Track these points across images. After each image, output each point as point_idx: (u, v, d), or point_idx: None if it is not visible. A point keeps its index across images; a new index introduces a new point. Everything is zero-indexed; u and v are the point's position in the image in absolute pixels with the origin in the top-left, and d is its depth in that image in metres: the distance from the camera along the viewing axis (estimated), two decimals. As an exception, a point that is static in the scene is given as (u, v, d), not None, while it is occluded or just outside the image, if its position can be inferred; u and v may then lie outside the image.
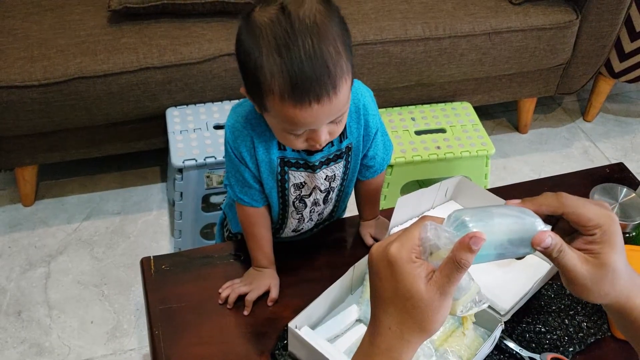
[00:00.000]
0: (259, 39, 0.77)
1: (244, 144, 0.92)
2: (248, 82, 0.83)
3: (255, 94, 0.83)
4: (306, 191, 1.00)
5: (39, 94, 1.63)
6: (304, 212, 1.04)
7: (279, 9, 0.77)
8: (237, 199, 0.99)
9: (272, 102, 0.80)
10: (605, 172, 1.28)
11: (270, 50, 0.76)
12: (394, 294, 0.59)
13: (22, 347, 1.57)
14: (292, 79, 0.76)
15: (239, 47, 0.81)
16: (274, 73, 0.77)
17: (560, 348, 0.94)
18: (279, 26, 0.76)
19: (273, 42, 0.76)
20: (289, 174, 0.97)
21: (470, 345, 0.90)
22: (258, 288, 0.99)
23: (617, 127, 2.34)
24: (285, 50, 0.75)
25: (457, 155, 1.71)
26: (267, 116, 0.86)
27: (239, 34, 0.82)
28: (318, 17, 0.76)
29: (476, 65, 1.93)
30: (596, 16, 1.96)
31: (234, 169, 0.96)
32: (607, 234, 0.63)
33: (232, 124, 0.93)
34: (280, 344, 0.93)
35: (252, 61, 0.78)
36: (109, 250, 1.80)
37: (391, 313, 0.59)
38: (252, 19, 0.79)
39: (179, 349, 0.93)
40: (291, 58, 0.75)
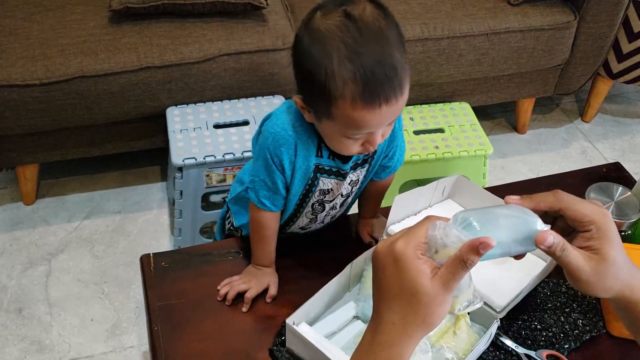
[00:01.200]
0: (328, 47, 0.77)
1: (286, 151, 0.92)
2: (311, 90, 0.82)
3: (318, 101, 0.82)
4: (330, 197, 1.02)
5: (40, 93, 1.64)
6: (320, 215, 1.06)
7: (343, 16, 0.78)
8: (258, 203, 0.97)
9: (341, 107, 0.80)
10: (602, 171, 1.29)
11: (341, 57, 0.77)
12: (399, 289, 0.60)
13: (23, 345, 1.58)
14: (364, 83, 0.77)
15: (302, 56, 0.80)
16: (347, 79, 0.78)
17: (556, 345, 0.95)
18: (347, 32, 0.77)
19: (343, 48, 0.77)
20: (319, 180, 0.98)
21: (466, 342, 0.91)
22: (257, 285, 1.00)
23: (615, 127, 2.35)
24: (356, 56, 0.77)
25: (455, 155, 1.72)
26: (326, 124, 0.85)
27: (299, 43, 0.81)
28: (382, 23, 0.79)
29: (474, 65, 1.94)
30: (594, 17, 1.97)
31: (266, 174, 0.95)
32: (603, 229, 0.66)
33: (277, 132, 0.91)
34: (278, 340, 0.94)
35: (322, 69, 0.78)
36: (109, 248, 1.81)
37: (395, 308, 0.61)
38: (316, 26, 0.79)
39: (178, 345, 0.94)
40: (363, 63, 0.77)
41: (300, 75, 0.83)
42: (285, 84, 1.81)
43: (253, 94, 1.80)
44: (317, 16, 0.80)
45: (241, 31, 1.74)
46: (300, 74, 0.84)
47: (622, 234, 1.06)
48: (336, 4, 0.80)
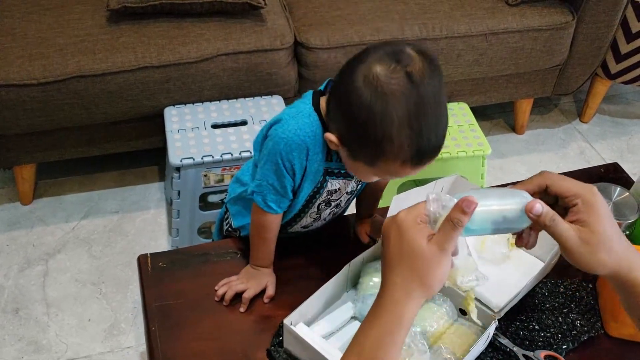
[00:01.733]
0: (391, 110, 0.78)
1: (298, 156, 0.92)
2: (361, 141, 0.82)
3: (365, 151, 0.83)
4: (337, 196, 1.02)
5: (37, 93, 1.63)
6: (323, 213, 1.06)
7: (405, 77, 0.77)
8: (265, 207, 0.97)
9: (389, 164, 0.82)
10: (600, 171, 1.29)
11: (402, 123, 0.78)
12: (400, 252, 0.66)
13: (20, 345, 1.58)
14: (418, 150, 0.80)
15: (360, 110, 0.79)
16: (403, 145, 0.79)
17: (554, 345, 0.95)
18: (409, 98, 0.77)
19: (405, 114, 0.78)
20: (328, 182, 0.98)
21: (464, 342, 0.91)
22: (255, 286, 1.00)
23: (613, 128, 2.35)
24: (416, 123, 0.78)
25: (453, 155, 1.72)
26: (363, 166, 0.86)
27: (358, 95, 0.79)
28: (437, 85, 0.79)
29: (473, 65, 1.94)
30: (592, 17, 1.97)
31: (276, 178, 0.94)
32: (589, 203, 0.67)
33: (289, 137, 0.90)
34: (275, 340, 0.93)
35: (381, 130, 0.79)
36: (107, 248, 1.81)
37: (397, 271, 0.66)
38: (378, 84, 0.78)
39: (175, 346, 0.94)
40: (421, 132, 0.79)
41: (352, 124, 0.82)
42: (283, 84, 1.81)
43: (251, 94, 1.79)
44: (378, 71, 0.78)
45: (239, 31, 1.74)
46: (351, 123, 0.82)
47: (620, 235, 1.06)
48: (392, 58, 0.79)
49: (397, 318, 0.65)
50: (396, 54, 0.79)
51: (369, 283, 0.97)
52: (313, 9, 1.87)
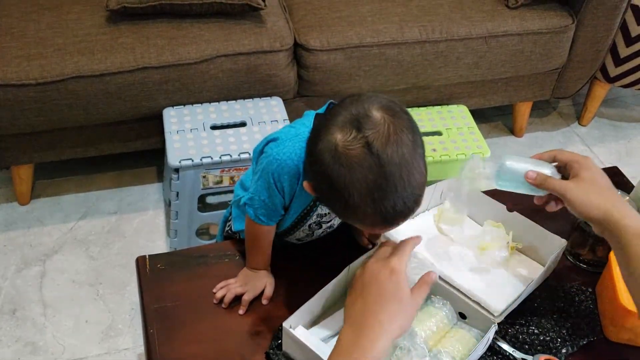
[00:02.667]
0: (351, 181, 0.75)
1: (288, 180, 0.91)
2: (329, 198, 0.81)
3: (335, 207, 0.82)
4: (327, 218, 1.02)
5: (35, 93, 1.63)
6: (316, 232, 1.06)
7: (364, 148, 0.73)
8: (255, 219, 0.97)
9: (357, 224, 0.83)
10: (599, 175, 1.28)
11: (363, 195, 0.75)
12: (393, 295, 0.76)
13: (17, 346, 1.57)
14: (384, 218, 0.77)
15: (323, 171, 0.77)
16: (368, 213, 0.77)
17: (553, 350, 0.95)
18: (370, 170, 0.74)
19: (365, 187, 0.74)
20: (318, 207, 0.98)
21: (463, 346, 0.91)
22: (254, 288, 1.00)
23: (612, 131, 2.36)
24: (377, 194, 0.75)
25: (452, 158, 1.72)
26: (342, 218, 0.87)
27: (320, 155, 0.76)
28: (405, 149, 0.75)
29: (472, 68, 1.94)
30: (592, 21, 1.97)
31: (267, 195, 0.94)
32: (582, 163, 0.85)
33: (282, 159, 0.89)
34: (274, 343, 0.93)
35: (344, 197, 0.76)
36: (105, 249, 1.80)
37: (385, 309, 0.75)
38: (337, 150, 0.75)
39: (173, 348, 0.94)
40: (383, 202, 0.75)
41: (319, 185, 0.81)
42: (282, 86, 1.81)
43: (250, 95, 1.79)
44: (337, 141, 0.75)
45: (239, 32, 1.74)
46: (318, 184, 0.81)
47: (620, 239, 1.06)
48: (353, 125, 0.75)
49: (381, 350, 0.73)
50: (358, 119, 0.75)
51: None
52: (313, 10, 1.87)
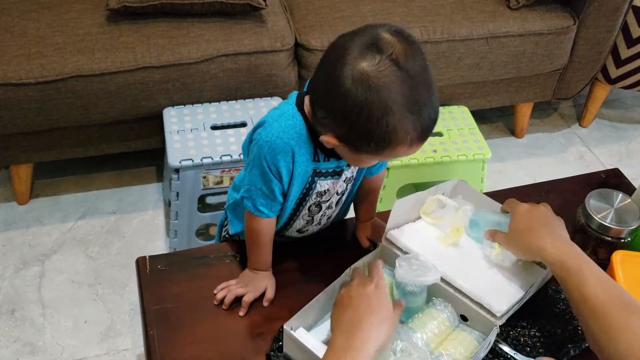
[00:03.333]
0: (389, 102, 0.78)
1: (283, 159, 0.90)
2: (365, 136, 0.81)
3: (370, 144, 0.82)
4: (327, 197, 1.01)
5: (35, 92, 1.62)
6: (316, 216, 1.05)
7: (393, 65, 0.78)
8: (255, 211, 0.96)
9: (395, 149, 0.83)
10: (601, 177, 1.28)
11: (402, 110, 0.79)
12: (379, 305, 0.84)
13: (15, 346, 1.56)
14: (422, 130, 0.82)
15: (358, 109, 0.79)
16: (409, 129, 0.80)
17: (555, 352, 0.95)
18: (403, 85, 0.78)
19: (404, 102, 0.78)
20: (316, 183, 0.97)
21: (465, 349, 0.90)
22: (255, 290, 0.99)
23: (613, 133, 2.35)
24: (415, 107, 0.79)
25: (453, 159, 1.71)
26: (365, 156, 0.86)
27: (353, 96, 0.78)
28: (422, 61, 0.81)
29: (473, 69, 1.93)
30: (593, 22, 1.97)
31: (263, 183, 0.93)
32: (510, 214, 0.98)
33: (272, 140, 0.89)
34: (275, 345, 0.93)
35: (384, 122, 0.79)
36: (104, 249, 1.80)
37: (375, 316, 0.82)
38: (369, 79, 0.77)
39: (173, 349, 0.93)
40: (421, 112, 0.80)
41: (352, 125, 0.81)
42: (283, 86, 1.80)
43: (251, 95, 1.79)
44: (364, 68, 0.78)
45: (239, 32, 1.73)
46: (351, 124, 0.81)
47: (622, 241, 1.05)
48: (373, 49, 0.78)
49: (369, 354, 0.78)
50: (375, 43, 0.79)
51: None
52: (314, 10, 1.87)
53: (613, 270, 0.99)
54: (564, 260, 0.86)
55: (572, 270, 0.84)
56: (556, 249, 0.88)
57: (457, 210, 1.04)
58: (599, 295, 0.81)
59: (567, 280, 0.84)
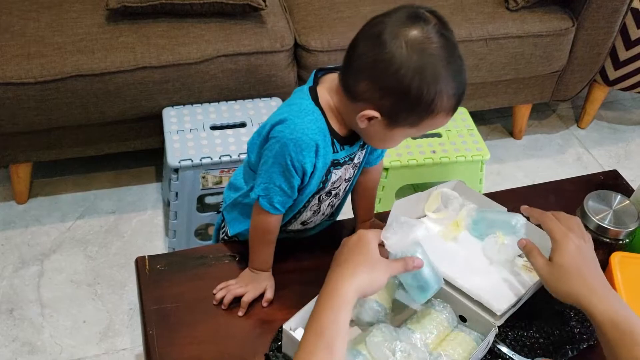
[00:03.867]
0: (439, 68, 0.82)
1: (308, 155, 0.91)
2: (411, 104, 0.84)
3: (413, 113, 0.85)
4: (337, 184, 1.02)
5: (35, 92, 1.62)
6: (323, 205, 1.05)
7: (438, 35, 0.82)
8: (271, 209, 0.96)
9: (435, 118, 0.86)
10: (599, 179, 1.29)
11: (448, 76, 0.83)
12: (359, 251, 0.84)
13: (14, 346, 1.56)
14: (459, 97, 0.86)
15: (410, 74, 0.81)
16: (450, 95, 0.84)
17: (553, 353, 0.95)
18: (447, 53, 0.83)
19: (449, 69, 0.83)
20: (332, 173, 0.98)
21: (464, 349, 0.91)
22: (254, 290, 0.99)
23: (611, 134, 2.36)
24: (457, 75, 0.85)
25: (452, 160, 1.72)
26: (402, 130, 0.88)
27: (406, 61, 0.81)
28: (454, 38, 0.85)
29: (472, 70, 1.94)
30: (592, 24, 1.98)
31: (283, 180, 0.93)
32: (559, 243, 0.89)
33: (297, 137, 0.89)
34: (274, 345, 0.93)
35: (434, 89, 0.82)
36: (103, 249, 1.80)
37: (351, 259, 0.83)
38: (421, 43, 0.81)
39: (173, 349, 0.93)
40: (461, 80, 0.86)
41: (401, 93, 0.83)
42: (282, 86, 1.81)
43: (250, 95, 1.79)
44: (416, 35, 0.82)
45: (239, 32, 1.73)
46: (399, 92, 0.83)
47: (620, 243, 1.06)
48: (419, 20, 0.83)
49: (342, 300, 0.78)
50: (418, 16, 0.83)
51: None
52: (313, 11, 1.87)
53: (611, 272, 1.00)
54: (617, 321, 0.80)
55: (626, 332, 0.79)
56: (608, 306, 0.82)
57: (462, 208, 1.05)
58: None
59: (619, 341, 0.79)
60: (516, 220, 0.99)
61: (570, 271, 0.85)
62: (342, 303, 0.78)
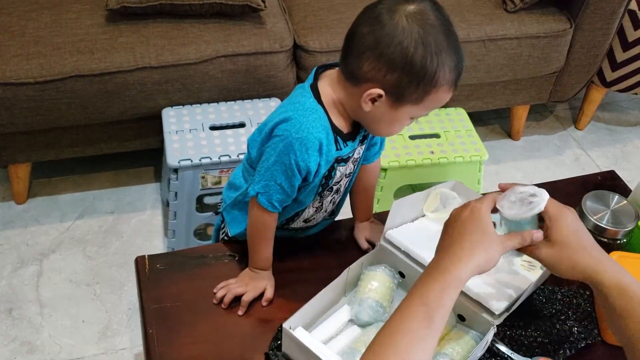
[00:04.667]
0: (439, 40, 0.84)
1: (313, 154, 0.91)
2: (416, 78, 0.85)
3: (417, 88, 0.86)
4: (338, 179, 1.02)
5: (34, 92, 1.62)
6: (325, 201, 1.05)
7: (432, 8, 0.85)
8: (269, 206, 0.96)
9: (438, 93, 0.87)
10: (597, 179, 1.29)
11: (448, 49, 0.85)
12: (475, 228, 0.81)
13: (13, 345, 1.56)
14: (459, 72, 0.88)
15: (414, 46, 0.83)
16: (452, 68, 0.86)
17: (551, 352, 0.95)
18: (443, 25, 0.85)
19: (447, 41, 0.85)
20: (336, 171, 0.98)
21: (462, 348, 0.91)
22: (255, 289, 1.00)
23: (608, 135, 2.37)
24: (454, 47, 0.86)
25: (450, 161, 1.72)
26: (405, 109, 0.88)
27: (410, 33, 0.83)
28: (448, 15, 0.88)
29: (471, 71, 1.95)
30: (589, 25, 1.98)
31: (284, 178, 0.93)
32: (554, 218, 0.83)
33: (303, 136, 0.89)
34: (274, 344, 0.93)
35: (436, 59, 0.84)
36: (102, 249, 1.80)
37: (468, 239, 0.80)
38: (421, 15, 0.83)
39: (172, 349, 0.94)
40: (458, 52, 0.87)
41: (405, 66, 0.84)
42: (281, 87, 1.81)
43: (250, 96, 1.79)
44: (414, 9, 0.84)
45: (238, 33, 1.74)
46: (404, 66, 0.84)
47: (618, 242, 1.06)
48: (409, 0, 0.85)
49: (455, 279, 0.76)
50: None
51: (367, 287, 0.97)
52: (312, 12, 1.88)
53: (609, 271, 1.00)
54: (625, 288, 0.78)
55: (634, 298, 0.78)
56: (614, 274, 0.79)
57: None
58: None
59: (628, 306, 0.78)
60: None
61: (572, 245, 0.82)
62: (453, 282, 0.76)
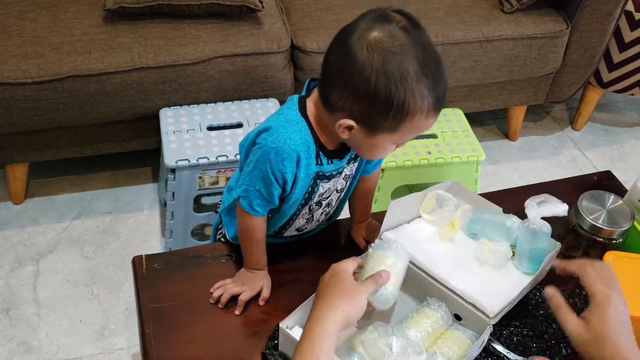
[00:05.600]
0: (405, 65, 0.80)
1: (289, 165, 0.91)
2: (384, 108, 0.82)
3: (388, 118, 0.82)
4: (327, 194, 1.02)
5: (32, 92, 1.62)
6: (316, 214, 1.06)
7: (403, 32, 0.81)
8: (250, 210, 0.97)
9: (413, 121, 0.83)
10: (593, 179, 1.30)
11: (418, 74, 0.80)
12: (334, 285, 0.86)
13: (10, 345, 1.56)
14: (437, 97, 0.83)
15: (376, 77, 0.80)
16: (425, 95, 0.81)
17: (547, 352, 0.96)
18: (415, 49, 0.81)
19: (418, 65, 0.80)
20: (319, 186, 0.99)
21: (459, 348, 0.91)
22: (251, 288, 1.00)
23: (605, 136, 2.38)
24: (428, 70, 0.81)
25: (447, 161, 1.73)
26: (381, 137, 0.86)
27: (370, 66, 0.80)
28: (428, 36, 0.85)
29: (468, 72, 1.95)
30: (586, 26, 1.99)
31: (263, 185, 0.94)
32: (600, 307, 0.81)
33: (279, 146, 0.89)
34: (271, 343, 0.93)
35: (402, 88, 0.80)
36: (99, 249, 1.80)
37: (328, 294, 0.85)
38: (382, 43, 0.80)
39: (170, 348, 0.94)
40: (434, 77, 0.82)
41: (370, 97, 0.81)
42: (279, 87, 1.81)
43: (247, 96, 1.79)
44: (377, 36, 0.80)
45: (236, 33, 1.74)
46: (368, 97, 0.82)
47: (614, 242, 1.07)
48: (382, 21, 0.82)
49: (323, 332, 0.80)
50: (382, 16, 0.82)
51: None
52: (310, 12, 1.88)
53: (604, 270, 1.00)
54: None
55: None
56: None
57: (457, 209, 1.06)
58: None
59: None
60: (511, 222, 1.00)
61: (607, 338, 0.80)
62: (323, 335, 0.80)
